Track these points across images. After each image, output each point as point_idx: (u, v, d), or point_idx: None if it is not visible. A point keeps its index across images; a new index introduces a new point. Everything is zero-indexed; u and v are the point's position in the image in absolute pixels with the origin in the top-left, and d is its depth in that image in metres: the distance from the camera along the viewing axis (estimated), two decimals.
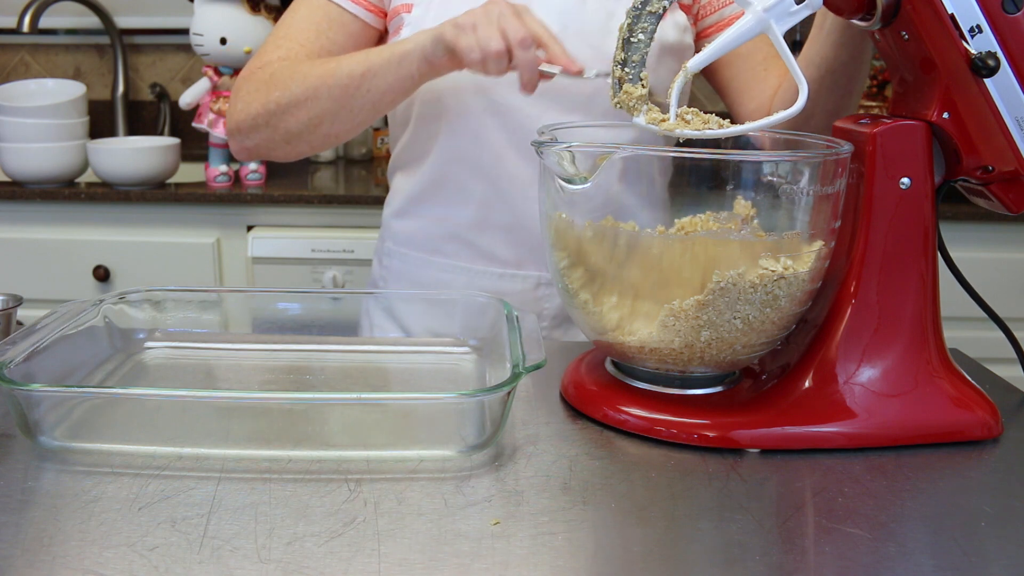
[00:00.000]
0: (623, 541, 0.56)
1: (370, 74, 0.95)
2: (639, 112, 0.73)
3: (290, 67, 1.01)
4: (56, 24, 2.24)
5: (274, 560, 0.53)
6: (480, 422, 0.66)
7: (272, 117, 1.00)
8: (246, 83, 1.04)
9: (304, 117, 0.99)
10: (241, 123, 1.03)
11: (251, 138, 1.04)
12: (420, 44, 0.93)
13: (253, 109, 1.01)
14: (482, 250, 1.07)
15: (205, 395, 0.67)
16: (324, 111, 0.98)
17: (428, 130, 1.06)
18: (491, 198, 1.05)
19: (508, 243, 1.06)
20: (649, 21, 0.71)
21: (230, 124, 1.05)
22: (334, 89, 0.97)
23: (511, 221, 1.05)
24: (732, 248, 0.67)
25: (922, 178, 0.71)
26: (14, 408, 0.64)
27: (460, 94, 1.02)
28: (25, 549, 0.54)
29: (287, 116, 1.00)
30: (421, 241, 1.11)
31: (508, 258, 1.07)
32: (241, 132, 1.04)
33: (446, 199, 1.07)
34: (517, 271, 1.07)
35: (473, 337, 0.87)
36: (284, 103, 0.99)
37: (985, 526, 0.59)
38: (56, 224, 1.78)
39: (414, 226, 1.11)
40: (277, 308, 0.93)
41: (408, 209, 1.11)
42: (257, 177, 1.86)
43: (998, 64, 0.67)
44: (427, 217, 1.09)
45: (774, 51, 1.06)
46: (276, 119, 1.00)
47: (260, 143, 1.04)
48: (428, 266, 1.10)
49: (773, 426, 0.70)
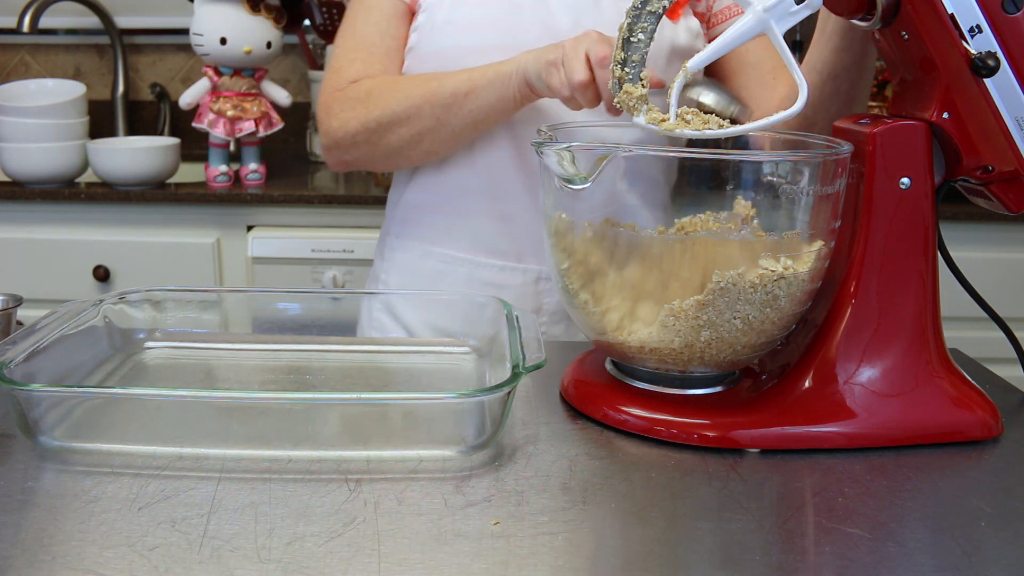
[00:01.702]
0: (623, 541, 0.56)
1: (473, 93, 0.97)
2: (639, 112, 0.73)
3: (390, 84, 1.03)
4: (56, 24, 2.24)
5: (274, 560, 0.53)
6: (480, 422, 0.66)
7: (372, 134, 1.03)
8: (338, 101, 1.05)
9: (406, 134, 1.01)
10: (340, 140, 1.05)
11: (350, 153, 1.06)
12: (521, 67, 0.94)
13: (352, 127, 1.03)
14: (483, 242, 1.08)
15: (205, 395, 0.67)
16: (425, 129, 1.00)
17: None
18: (493, 190, 1.05)
19: (509, 236, 1.07)
20: (649, 21, 0.71)
21: (327, 140, 1.07)
22: (436, 108, 0.99)
23: (512, 214, 1.06)
24: (732, 248, 0.67)
25: (922, 178, 0.71)
26: (14, 408, 0.64)
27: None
28: (25, 549, 0.54)
29: (388, 133, 1.02)
30: (422, 231, 1.11)
31: (508, 251, 1.07)
32: (341, 148, 1.06)
33: (448, 189, 1.08)
34: (518, 264, 1.07)
35: (473, 337, 0.87)
36: (385, 121, 1.01)
37: (985, 526, 0.59)
38: (56, 224, 1.78)
39: (415, 216, 1.12)
40: (277, 308, 0.93)
41: (410, 199, 1.12)
42: (257, 177, 1.86)
43: (998, 64, 0.67)
44: (428, 208, 1.10)
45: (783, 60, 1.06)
46: (377, 136, 1.02)
47: (360, 157, 1.07)
48: (429, 256, 1.10)
49: (773, 426, 0.70)
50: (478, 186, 1.06)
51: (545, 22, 1.01)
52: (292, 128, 2.20)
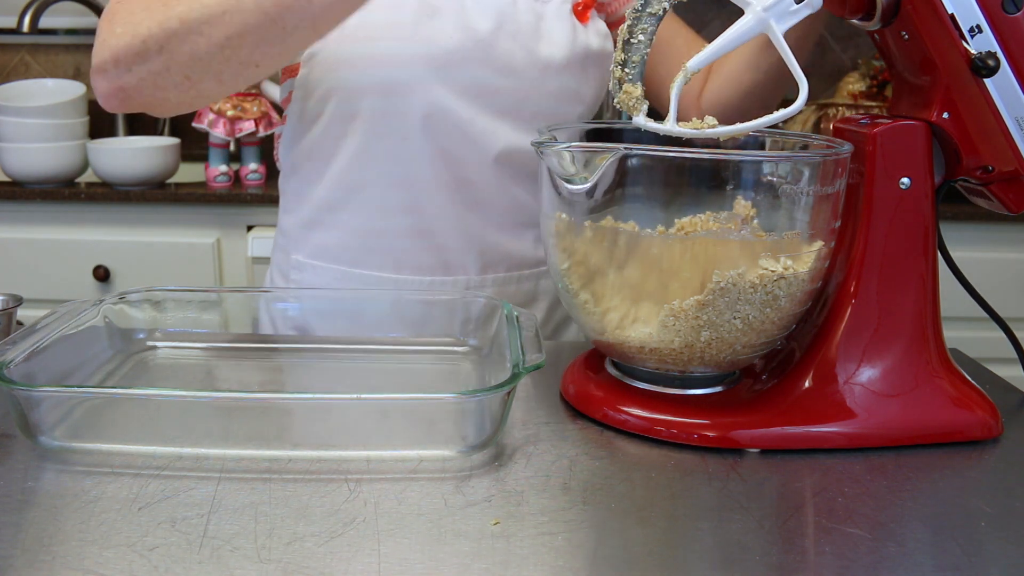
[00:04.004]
0: (623, 541, 0.56)
1: None
2: (639, 112, 0.73)
3: None
4: (56, 24, 2.24)
5: (274, 560, 0.53)
6: (480, 422, 0.66)
7: (172, 39, 0.77)
8: (126, 6, 0.80)
9: (219, 36, 0.76)
10: (119, 52, 0.79)
11: (134, 71, 0.79)
12: None
13: (142, 30, 0.78)
14: (408, 259, 1.00)
15: (205, 395, 0.67)
16: (246, 27, 0.76)
17: (343, 128, 0.96)
18: (416, 203, 0.98)
19: (434, 249, 1.00)
20: (649, 22, 0.71)
21: (101, 56, 0.80)
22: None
23: (437, 227, 0.99)
24: (732, 248, 0.67)
25: (922, 178, 0.71)
26: (14, 408, 0.64)
27: (387, 91, 0.94)
28: (25, 549, 0.54)
29: (194, 36, 0.77)
30: (337, 252, 1.01)
31: (436, 264, 1.00)
32: (121, 63, 0.79)
33: (364, 205, 0.99)
34: (447, 277, 1.01)
35: (473, 337, 0.87)
36: (193, 18, 0.76)
37: (985, 526, 0.59)
38: (56, 224, 1.78)
39: (328, 237, 1.01)
40: (277, 308, 0.93)
41: (319, 218, 1.01)
42: (257, 177, 1.86)
43: (998, 64, 0.67)
44: (343, 226, 1.00)
45: (694, 38, 1.06)
46: (177, 41, 0.77)
47: (146, 78, 0.79)
48: (348, 279, 1.01)
49: (773, 426, 0.70)
50: (398, 203, 0.98)
51: (466, 25, 0.94)
52: None
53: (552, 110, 0.99)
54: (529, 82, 0.97)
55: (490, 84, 0.96)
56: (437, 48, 0.93)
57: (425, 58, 0.93)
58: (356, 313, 1.01)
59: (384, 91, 0.94)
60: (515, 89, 0.97)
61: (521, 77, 0.97)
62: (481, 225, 1.01)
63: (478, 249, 1.02)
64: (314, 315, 0.98)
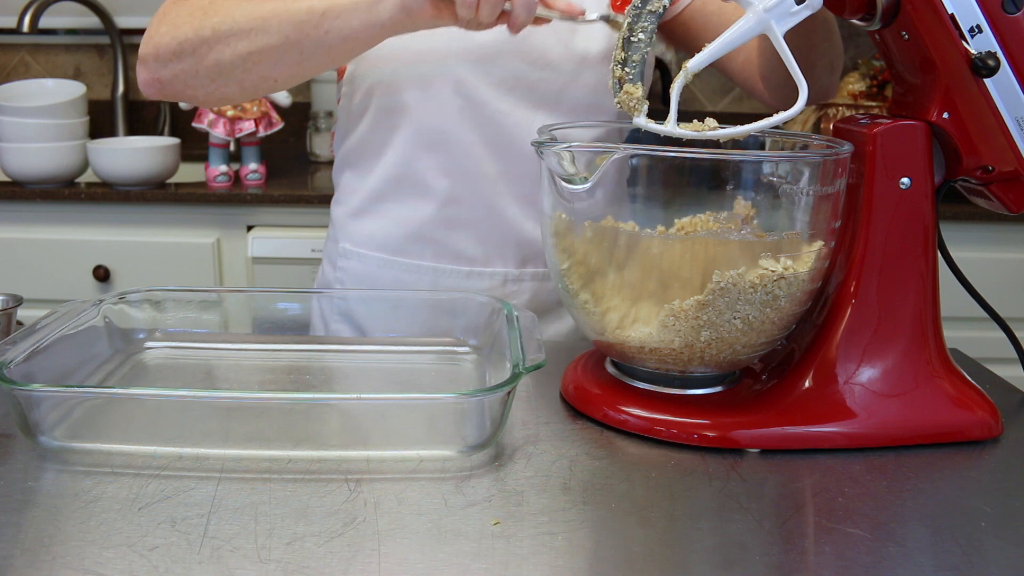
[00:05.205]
0: (623, 541, 0.56)
1: (332, 13, 0.82)
2: (639, 112, 0.73)
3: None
4: (56, 24, 2.24)
5: (274, 560, 0.53)
6: (480, 422, 0.66)
7: (203, 45, 0.86)
8: (176, 8, 0.89)
9: (242, 50, 0.85)
10: (160, 48, 0.88)
11: (169, 68, 0.88)
12: None
13: (182, 33, 0.86)
14: (448, 248, 1.03)
15: (205, 395, 0.67)
16: (268, 47, 0.84)
17: (389, 122, 1.00)
18: (458, 194, 1.00)
19: (475, 240, 1.02)
20: (649, 20, 0.71)
21: (146, 49, 0.89)
22: (286, 24, 0.83)
23: (479, 217, 1.01)
24: (732, 248, 0.67)
25: (922, 178, 0.71)
26: (14, 408, 0.64)
27: (425, 84, 0.97)
28: (25, 549, 0.54)
29: (221, 46, 0.85)
30: (382, 241, 1.05)
31: (475, 255, 1.03)
32: (160, 59, 0.88)
33: (409, 196, 1.02)
34: (484, 268, 1.03)
35: (473, 337, 0.87)
36: (223, 30, 0.85)
37: (985, 526, 0.59)
38: (56, 224, 1.78)
39: (374, 226, 1.05)
40: (277, 308, 0.93)
41: (367, 207, 1.05)
42: (257, 177, 1.86)
43: (998, 64, 0.67)
44: (388, 216, 1.04)
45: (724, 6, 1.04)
46: (206, 48, 0.85)
47: (178, 75, 0.88)
48: (390, 266, 1.05)
49: (773, 426, 0.70)
50: (439, 194, 1.01)
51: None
52: (292, 128, 2.20)
53: (590, 102, 1.00)
54: (566, 75, 0.98)
55: (527, 77, 0.96)
56: (473, 42, 0.95)
57: (461, 52, 0.95)
58: (357, 313, 1.01)
59: (423, 85, 0.97)
60: (552, 81, 0.98)
61: (557, 70, 0.97)
62: (521, 218, 1.02)
63: (516, 242, 1.03)
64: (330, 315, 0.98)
